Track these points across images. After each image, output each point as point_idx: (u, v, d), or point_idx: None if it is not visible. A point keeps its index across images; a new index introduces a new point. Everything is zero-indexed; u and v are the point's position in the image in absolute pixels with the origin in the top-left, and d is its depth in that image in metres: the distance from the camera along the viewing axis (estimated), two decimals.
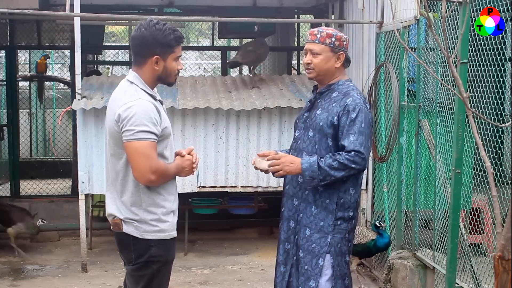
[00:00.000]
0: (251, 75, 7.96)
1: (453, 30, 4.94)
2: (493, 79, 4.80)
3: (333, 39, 4.00)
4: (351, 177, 3.98)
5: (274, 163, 4.01)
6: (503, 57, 4.63)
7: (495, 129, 4.50)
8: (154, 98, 3.65)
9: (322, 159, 3.88)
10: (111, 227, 3.73)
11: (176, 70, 3.69)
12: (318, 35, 4.02)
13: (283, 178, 4.24)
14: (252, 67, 7.98)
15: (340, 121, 3.92)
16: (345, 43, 4.04)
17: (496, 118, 4.83)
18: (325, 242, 3.98)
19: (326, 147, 3.98)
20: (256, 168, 4.19)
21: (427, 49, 5.64)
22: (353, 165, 3.85)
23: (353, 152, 3.85)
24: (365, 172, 6.86)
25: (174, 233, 3.73)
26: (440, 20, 4.42)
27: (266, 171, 4.17)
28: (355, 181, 4.03)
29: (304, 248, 4.01)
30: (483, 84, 4.78)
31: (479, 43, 4.67)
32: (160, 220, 3.64)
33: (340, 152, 3.88)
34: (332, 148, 3.98)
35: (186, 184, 7.10)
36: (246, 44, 8.08)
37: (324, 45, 4.01)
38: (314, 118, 4.03)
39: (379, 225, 6.09)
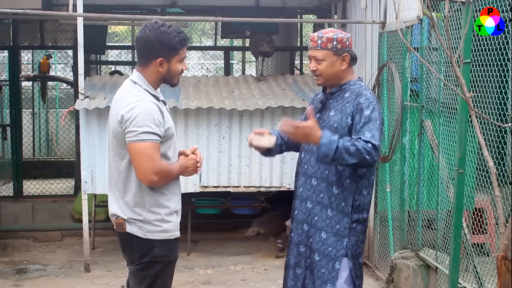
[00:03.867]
0: (260, 67, 8.20)
1: (456, 30, 4.94)
2: (496, 79, 4.80)
3: (335, 43, 3.90)
4: (363, 178, 3.91)
5: (286, 125, 3.80)
6: (506, 57, 4.63)
7: (498, 129, 4.49)
8: (157, 98, 3.65)
9: (341, 140, 3.72)
10: (114, 227, 3.73)
11: (180, 71, 3.69)
12: (319, 41, 3.91)
13: (295, 181, 4.15)
14: (263, 58, 8.22)
15: (354, 120, 3.83)
16: (347, 43, 3.94)
17: (499, 118, 4.83)
18: (341, 245, 3.91)
19: None
20: (251, 145, 4.01)
21: (430, 49, 5.64)
22: (367, 156, 3.70)
23: (370, 144, 3.72)
24: None
25: (177, 233, 3.73)
26: (443, 20, 4.42)
27: (262, 149, 4.04)
28: (367, 183, 3.96)
29: (320, 252, 3.94)
30: (486, 84, 4.77)
31: (482, 43, 4.66)
32: (163, 220, 3.64)
33: (359, 139, 3.73)
34: None
35: (189, 184, 7.10)
36: (260, 35, 8.15)
37: (327, 50, 3.90)
38: (327, 120, 3.93)
39: None
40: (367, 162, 3.75)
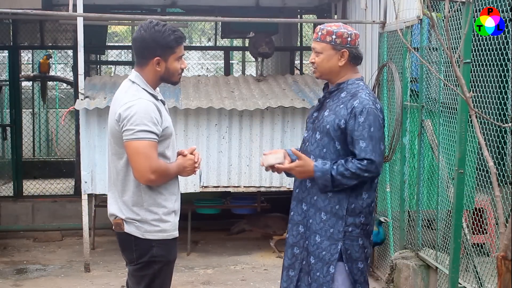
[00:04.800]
0: (260, 68, 8.19)
1: (456, 30, 4.94)
2: (496, 79, 4.80)
3: (334, 37, 3.80)
4: (361, 182, 3.82)
5: (282, 169, 3.89)
6: (506, 57, 4.63)
7: (498, 129, 4.49)
8: (156, 98, 3.65)
9: (334, 167, 3.73)
10: (113, 227, 3.73)
11: (179, 70, 3.68)
12: (320, 33, 3.84)
13: (293, 181, 4.10)
14: (263, 59, 8.23)
15: (347, 125, 3.76)
16: (349, 39, 3.82)
17: (499, 118, 4.82)
18: (335, 249, 3.83)
19: (334, 151, 3.81)
20: (267, 168, 4.01)
21: (430, 49, 5.64)
22: (365, 174, 3.72)
23: (365, 161, 3.70)
24: None
25: (175, 233, 3.72)
26: (443, 20, 4.42)
27: (274, 168, 4.00)
28: (368, 186, 3.87)
29: (315, 255, 3.88)
30: (486, 84, 4.77)
31: (482, 43, 4.66)
32: (161, 220, 3.64)
33: (353, 160, 3.73)
34: (341, 152, 3.79)
35: (189, 184, 7.11)
36: (260, 36, 8.16)
37: (325, 43, 3.82)
38: (321, 120, 3.87)
39: (384, 221, 6.11)
40: (369, 178, 3.79)
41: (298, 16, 10.17)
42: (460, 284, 4.90)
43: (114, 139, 3.63)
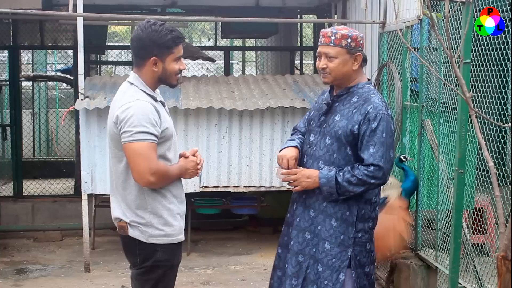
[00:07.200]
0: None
1: (456, 30, 4.94)
2: (496, 79, 4.80)
3: (349, 40, 3.71)
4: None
5: (290, 178, 3.83)
6: (506, 57, 4.63)
7: (498, 129, 4.49)
8: (154, 99, 3.59)
9: (340, 173, 3.68)
10: (117, 230, 3.68)
11: (177, 71, 3.61)
12: (333, 37, 3.72)
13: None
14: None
15: (360, 130, 3.69)
16: (361, 42, 3.75)
17: (499, 118, 4.82)
18: (345, 256, 3.77)
19: (345, 156, 3.74)
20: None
21: (430, 49, 5.64)
22: (372, 181, 3.66)
23: (372, 167, 3.65)
24: None
25: (180, 237, 3.67)
26: (443, 20, 4.42)
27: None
28: (377, 191, 3.84)
29: (324, 263, 3.79)
30: (486, 84, 4.77)
31: (482, 43, 4.66)
32: (166, 224, 3.58)
33: (359, 166, 3.68)
34: (352, 157, 3.73)
35: (189, 184, 7.10)
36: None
37: (340, 47, 3.71)
38: (332, 125, 3.78)
39: (404, 159, 5.74)
40: (376, 185, 3.73)
41: (298, 16, 10.18)
42: (460, 284, 4.90)
43: (113, 142, 3.58)
